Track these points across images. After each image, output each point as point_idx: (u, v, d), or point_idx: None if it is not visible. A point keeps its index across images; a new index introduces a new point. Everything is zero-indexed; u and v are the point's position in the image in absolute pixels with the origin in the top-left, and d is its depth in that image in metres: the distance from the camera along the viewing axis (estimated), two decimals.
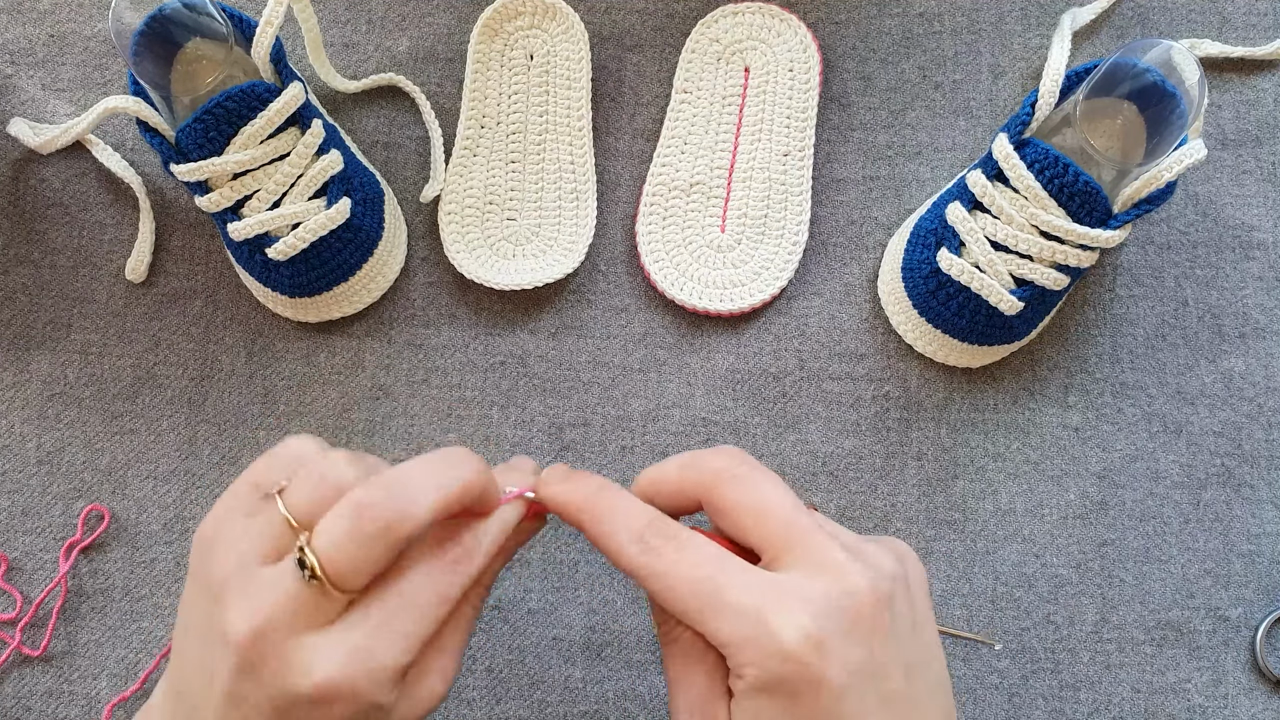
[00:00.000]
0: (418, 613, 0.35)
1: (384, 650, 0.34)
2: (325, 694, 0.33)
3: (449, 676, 0.37)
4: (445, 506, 0.34)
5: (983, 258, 0.52)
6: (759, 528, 0.36)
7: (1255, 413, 0.57)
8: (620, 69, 0.60)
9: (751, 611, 0.33)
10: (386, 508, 0.33)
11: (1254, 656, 0.55)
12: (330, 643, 0.33)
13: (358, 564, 0.33)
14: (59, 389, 0.57)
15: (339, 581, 0.33)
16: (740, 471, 0.37)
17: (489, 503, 0.37)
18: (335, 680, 0.33)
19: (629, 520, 0.37)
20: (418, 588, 0.35)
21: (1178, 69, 0.48)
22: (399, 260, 0.57)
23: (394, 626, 0.34)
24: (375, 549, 0.33)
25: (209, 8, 0.49)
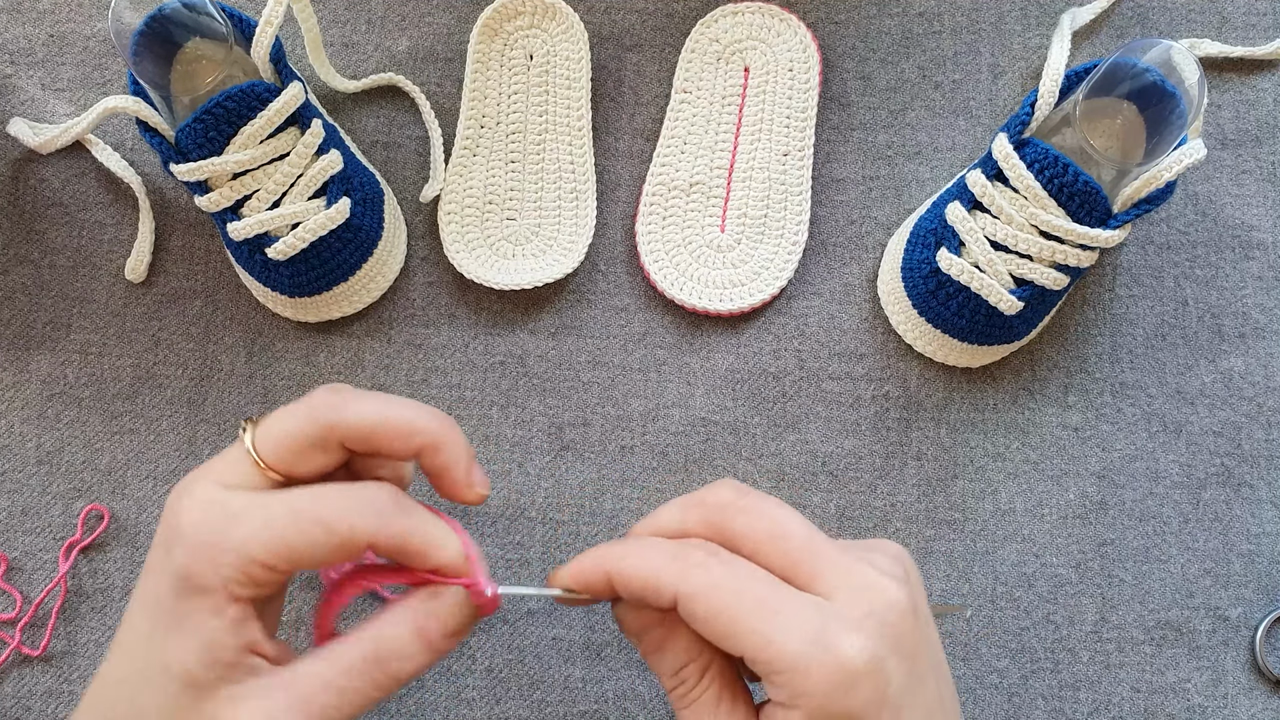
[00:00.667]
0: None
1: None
2: (175, 526, 0.35)
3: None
4: (384, 423, 0.36)
5: (982, 257, 0.52)
6: (783, 554, 0.35)
7: (1255, 412, 0.57)
8: (620, 69, 0.60)
9: (812, 634, 0.32)
10: (328, 402, 0.36)
11: (1253, 656, 0.55)
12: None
13: (285, 437, 0.35)
14: (59, 389, 0.57)
15: (263, 450, 0.35)
16: (748, 501, 0.36)
17: (451, 467, 0.37)
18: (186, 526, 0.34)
19: (661, 546, 0.36)
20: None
21: (1177, 69, 0.48)
22: (399, 260, 0.57)
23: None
24: (305, 428, 0.35)
25: (209, 7, 0.49)
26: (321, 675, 0.35)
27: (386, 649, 0.36)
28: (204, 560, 0.34)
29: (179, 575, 0.34)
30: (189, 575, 0.34)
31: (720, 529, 0.36)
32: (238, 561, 0.34)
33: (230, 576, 0.34)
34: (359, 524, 0.35)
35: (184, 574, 0.34)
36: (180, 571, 0.34)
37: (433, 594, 0.37)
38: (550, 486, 0.56)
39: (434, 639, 0.36)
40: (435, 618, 0.36)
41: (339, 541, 0.34)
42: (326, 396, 0.36)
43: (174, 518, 0.35)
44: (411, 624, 0.36)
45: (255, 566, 0.34)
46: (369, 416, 0.36)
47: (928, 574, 0.55)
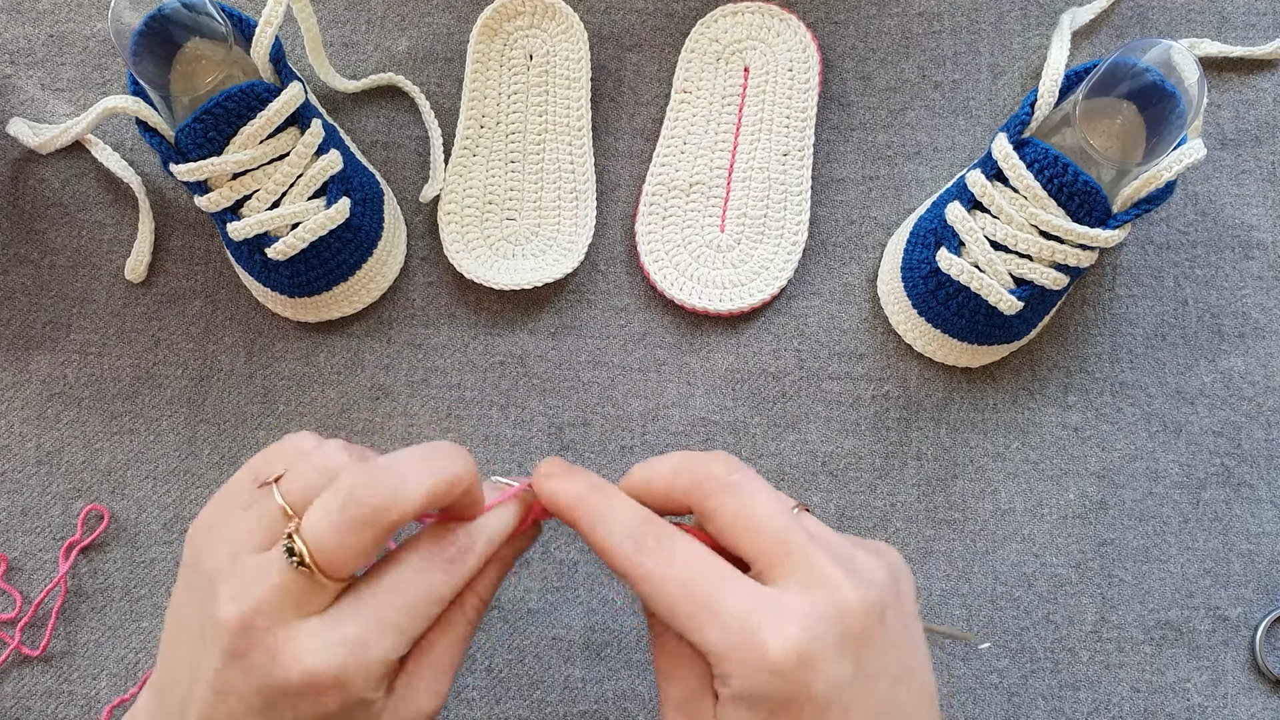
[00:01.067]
0: (410, 608, 0.35)
1: (375, 643, 0.34)
2: (313, 684, 0.33)
3: (438, 694, 0.36)
4: (434, 494, 0.34)
5: (982, 257, 0.52)
6: (751, 539, 0.35)
7: (1254, 412, 0.57)
8: (620, 69, 0.60)
9: (740, 622, 0.33)
10: (375, 493, 0.33)
11: (1253, 656, 0.55)
12: (320, 633, 0.33)
13: (345, 550, 0.33)
14: (58, 389, 0.57)
15: (327, 568, 0.33)
16: (734, 480, 0.36)
17: (475, 500, 0.37)
18: (324, 670, 0.33)
19: (622, 518, 0.37)
20: (411, 583, 0.35)
21: (1177, 69, 0.48)
22: (398, 260, 0.57)
23: (385, 620, 0.34)
24: (363, 535, 0.33)
25: (208, 7, 0.49)
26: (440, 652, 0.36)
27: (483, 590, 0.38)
28: (359, 690, 0.34)
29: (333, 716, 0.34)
30: (348, 709, 0.34)
31: (700, 503, 0.37)
32: (387, 670, 0.35)
33: (383, 684, 0.35)
34: (451, 583, 0.36)
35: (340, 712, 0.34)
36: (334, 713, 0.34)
37: None
38: None
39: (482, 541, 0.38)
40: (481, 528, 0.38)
41: (441, 604, 0.36)
42: (373, 495, 0.33)
43: (300, 672, 0.33)
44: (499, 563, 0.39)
45: (395, 662, 0.35)
46: (422, 496, 0.34)
47: (928, 574, 0.55)
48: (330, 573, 0.33)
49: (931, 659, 0.37)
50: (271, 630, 0.33)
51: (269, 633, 0.33)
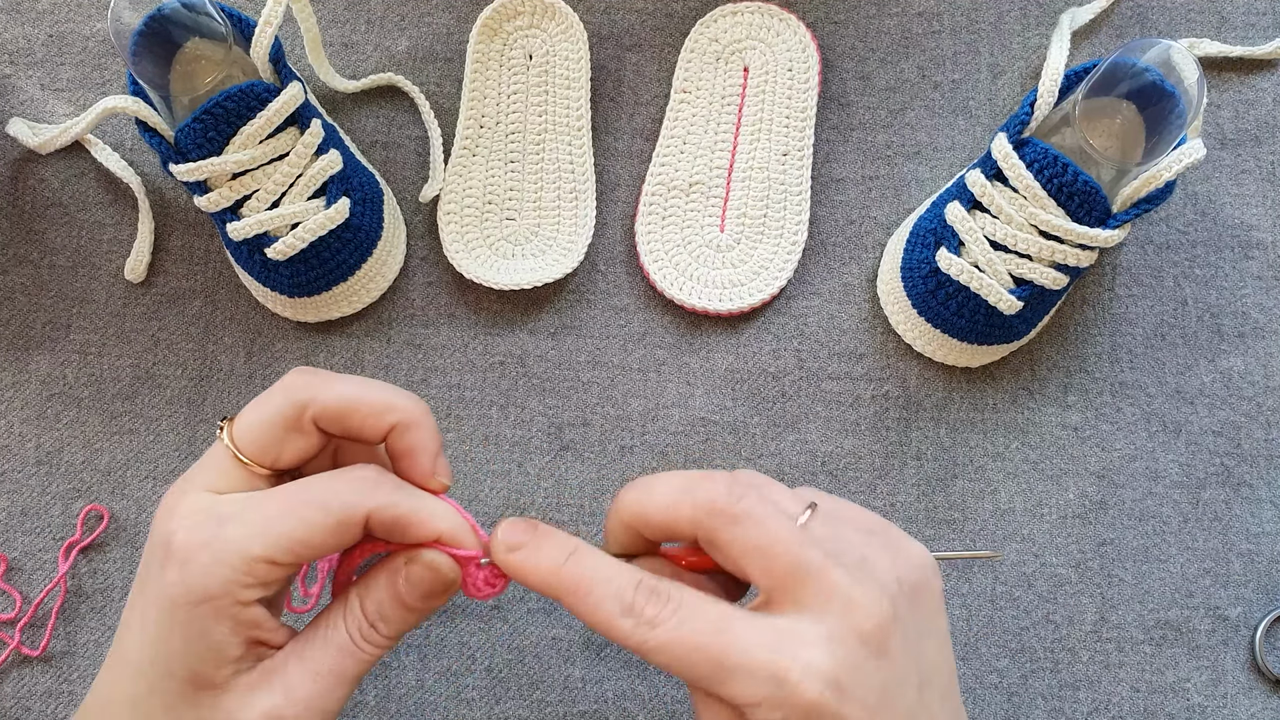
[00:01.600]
0: (295, 507, 0.35)
1: (239, 526, 0.34)
2: (168, 541, 0.34)
3: (293, 697, 0.35)
4: (355, 400, 0.36)
5: (982, 257, 0.52)
6: (765, 570, 0.34)
7: (1254, 412, 0.57)
8: (619, 69, 0.60)
9: (764, 669, 0.32)
10: (299, 382, 0.36)
11: (1253, 656, 0.55)
12: (198, 501, 0.35)
13: (258, 425, 0.35)
14: (58, 389, 0.57)
15: (240, 441, 0.35)
16: (739, 509, 0.35)
17: (416, 446, 0.37)
18: (177, 531, 0.34)
19: (613, 590, 0.35)
20: (312, 481, 0.36)
21: (1177, 68, 0.48)
22: (398, 260, 0.57)
23: (267, 506, 0.35)
24: (276, 412, 0.35)
25: (208, 7, 0.49)
26: (315, 659, 0.36)
27: (372, 616, 0.37)
28: (203, 571, 0.33)
29: (177, 588, 0.34)
30: (188, 587, 0.33)
31: (706, 535, 0.35)
32: (240, 564, 0.33)
33: (233, 580, 0.34)
34: (353, 500, 0.35)
35: (182, 587, 0.33)
36: (177, 584, 0.34)
37: (409, 559, 0.37)
38: (550, 486, 0.56)
39: (412, 602, 0.37)
40: (410, 583, 0.37)
41: (336, 521, 0.34)
42: (299, 378, 0.36)
43: (164, 533, 0.34)
44: (390, 592, 0.37)
45: (259, 565, 0.34)
46: (343, 394, 0.36)
47: None
48: (246, 450, 0.35)
49: None
50: (178, 494, 0.35)
51: (174, 496, 0.35)
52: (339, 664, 0.36)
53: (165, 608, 0.34)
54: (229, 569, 0.33)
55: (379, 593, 0.37)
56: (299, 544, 0.34)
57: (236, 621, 0.34)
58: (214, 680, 0.34)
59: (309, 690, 0.35)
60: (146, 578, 0.35)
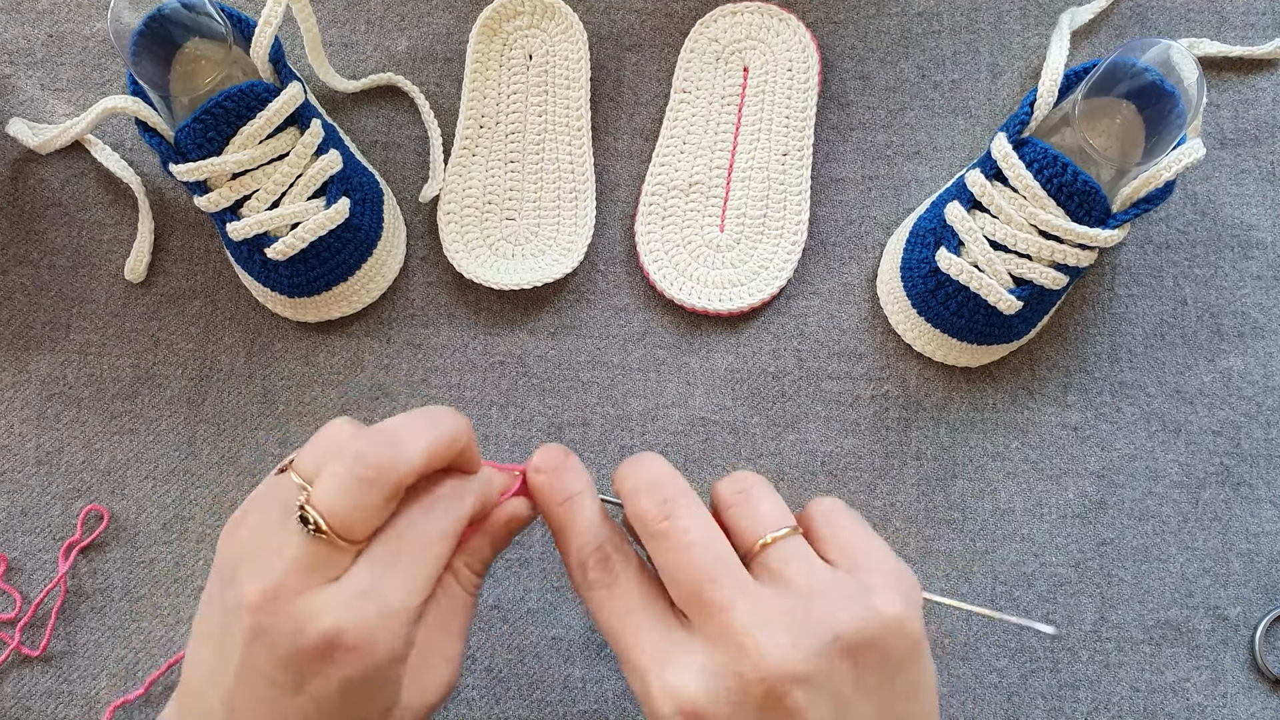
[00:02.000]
0: (418, 553, 0.35)
1: (390, 592, 0.34)
2: (335, 642, 0.33)
3: (453, 660, 0.37)
4: (434, 450, 0.36)
5: (981, 257, 0.52)
6: (672, 592, 0.36)
7: (1254, 412, 0.57)
8: (619, 69, 0.60)
9: (641, 675, 0.35)
10: (380, 454, 0.34)
11: (1253, 655, 0.55)
12: (338, 593, 0.34)
13: (356, 510, 0.34)
14: (58, 389, 0.57)
15: (341, 530, 0.34)
16: (659, 529, 0.36)
17: (472, 460, 0.38)
18: (345, 627, 0.33)
19: (580, 540, 0.38)
20: (413, 530, 0.36)
21: (1176, 68, 0.48)
22: (398, 260, 0.57)
23: (397, 569, 0.35)
24: (372, 494, 0.34)
25: (208, 7, 0.49)
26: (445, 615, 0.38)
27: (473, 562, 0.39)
28: (384, 649, 0.34)
29: (354, 681, 0.34)
30: (370, 670, 0.34)
31: (643, 540, 0.37)
32: (409, 621, 0.35)
33: (409, 637, 0.35)
34: (458, 519, 0.37)
35: (363, 674, 0.34)
36: (356, 677, 0.34)
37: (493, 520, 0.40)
38: None
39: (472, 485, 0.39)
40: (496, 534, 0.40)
41: (453, 542, 0.37)
42: (379, 454, 0.34)
43: (321, 634, 0.33)
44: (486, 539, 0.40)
45: (418, 610, 0.36)
46: (424, 453, 0.35)
47: (927, 574, 0.55)
48: (345, 535, 0.34)
49: None
50: (293, 600, 0.33)
51: (290, 602, 0.33)
52: (465, 620, 0.38)
53: (336, 695, 0.34)
54: (405, 632, 0.35)
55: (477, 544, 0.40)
56: (435, 577, 0.36)
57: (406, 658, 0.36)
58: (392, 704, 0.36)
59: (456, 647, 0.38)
60: (300, 683, 0.34)
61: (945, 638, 0.55)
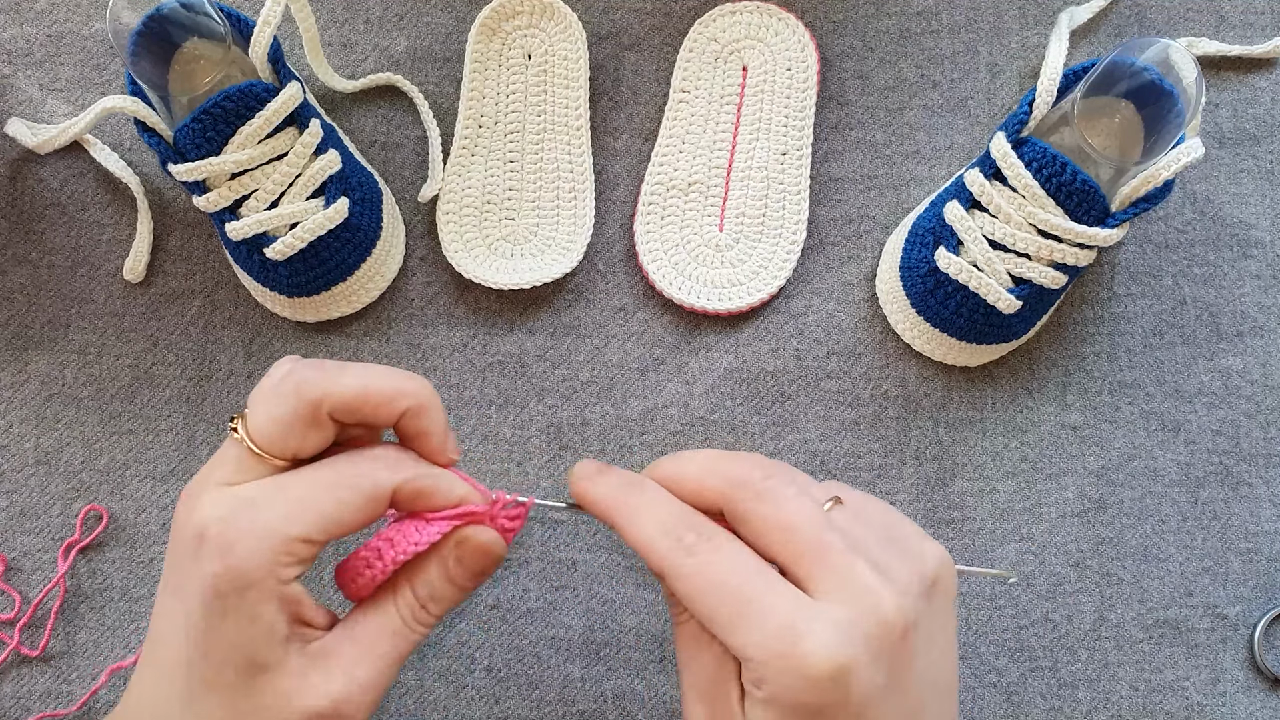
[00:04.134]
0: (318, 486, 0.36)
1: (269, 508, 0.35)
2: (202, 532, 0.34)
3: (355, 679, 0.36)
4: (366, 391, 0.36)
5: (981, 256, 0.52)
6: (787, 545, 0.35)
7: (1253, 411, 0.57)
8: (618, 68, 0.60)
9: (781, 630, 0.33)
10: (307, 375, 0.36)
11: (1252, 655, 0.55)
12: (226, 494, 0.35)
13: (272, 422, 0.35)
14: (57, 389, 0.57)
15: (256, 437, 0.35)
16: (767, 486, 0.36)
17: (427, 429, 0.38)
18: (211, 522, 0.34)
19: (659, 513, 0.37)
20: (328, 467, 0.36)
21: (1175, 67, 0.49)
22: (397, 260, 0.57)
23: (288, 492, 0.35)
24: (287, 407, 0.35)
25: (206, 7, 0.49)
26: (371, 642, 0.37)
27: (423, 598, 0.38)
28: (243, 555, 0.34)
29: (220, 576, 0.34)
30: (231, 573, 0.34)
31: (731, 509, 0.36)
32: (280, 544, 0.34)
33: (275, 560, 0.34)
34: (380, 476, 0.36)
35: (225, 573, 0.34)
36: (220, 572, 0.34)
37: (458, 541, 0.38)
38: (549, 486, 0.56)
39: (462, 582, 0.38)
40: (461, 564, 0.38)
41: (365, 497, 0.36)
42: (307, 372, 0.36)
43: (195, 526, 0.35)
44: (442, 574, 0.38)
45: (297, 543, 0.35)
46: (355, 386, 0.36)
47: None
48: (261, 445, 0.35)
49: None
50: (199, 494, 0.35)
51: (196, 496, 0.35)
52: (394, 645, 0.37)
53: (209, 598, 0.34)
54: (270, 551, 0.34)
55: (429, 575, 0.38)
56: (332, 521, 0.35)
57: (282, 600, 0.35)
58: (267, 663, 0.35)
59: (369, 672, 0.36)
60: (181, 575, 0.35)
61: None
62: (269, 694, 0.35)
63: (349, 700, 0.35)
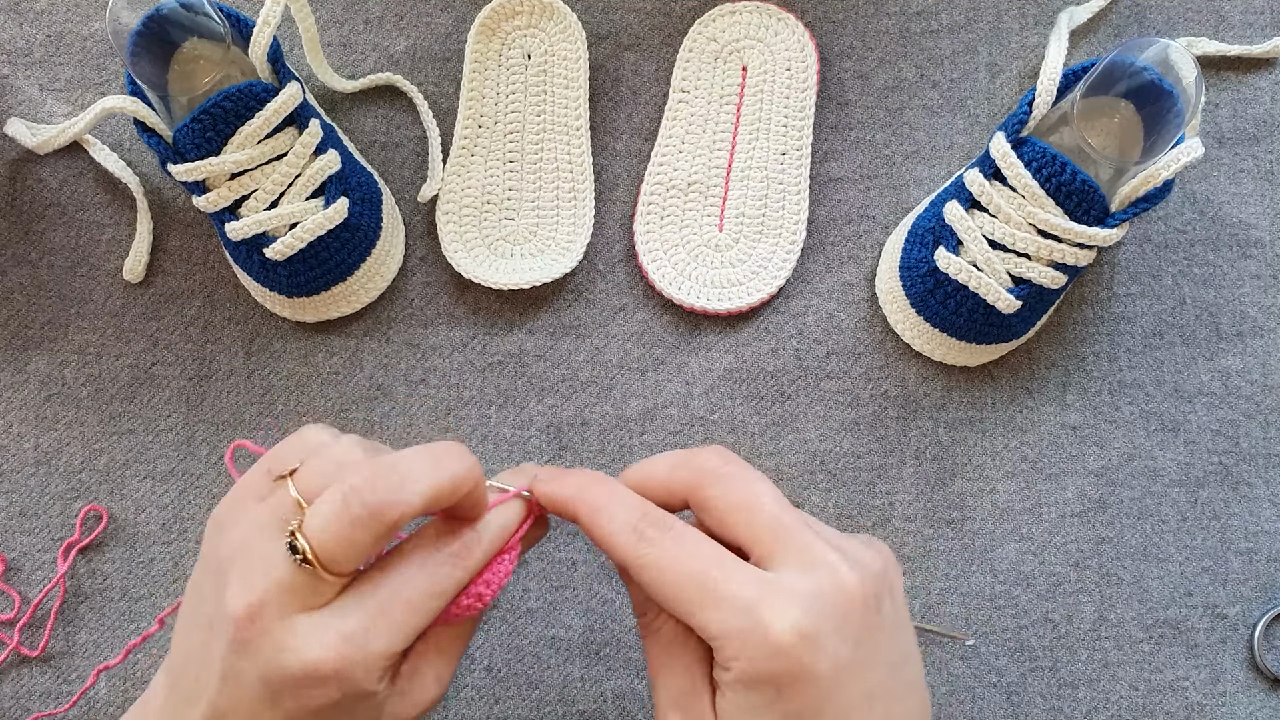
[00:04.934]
0: (412, 604, 0.35)
1: (376, 638, 0.34)
2: (314, 675, 0.33)
3: (444, 681, 0.37)
4: (436, 495, 0.35)
5: (980, 256, 0.52)
6: (748, 525, 0.36)
7: (1253, 411, 0.57)
8: (618, 68, 0.60)
9: (744, 605, 0.34)
10: (376, 492, 0.34)
11: (1251, 654, 0.55)
12: (323, 626, 0.34)
13: (345, 547, 0.34)
14: (57, 389, 0.57)
15: (328, 564, 0.34)
16: (728, 470, 0.37)
17: (479, 501, 0.37)
18: (326, 662, 0.33)
19: (623, 509, 0.37)
20: (415, 579, 0.35)
21: (1175, 67, 0.49)
22: (397, 260, 0.57)
23: (387, 615, 0.35)
24: (363, 533, 0.34)
25: (206, 7, 0.49)
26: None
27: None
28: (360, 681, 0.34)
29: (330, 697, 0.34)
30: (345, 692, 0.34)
31: (695, 494, 0.37)
32: (387, 662, 0.35)
33: (382, 675, 0.35)
34: (458, 575, 0.37)
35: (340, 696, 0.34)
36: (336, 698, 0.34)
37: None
38: None
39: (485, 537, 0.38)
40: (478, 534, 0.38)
41: (447, 598, 0.36)
42: (376, 494, 0.34)
43: (302, 664, 0.34)
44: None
45: (398, 655, 0.35)
46: (424, 494, 0.34)
47: (926, 572, 0.56)
48: (331, 569, 0.34)
49: (927, 658, 0.38)
50: (275, 622, 0.34)
51: (273, 624, 0.34)
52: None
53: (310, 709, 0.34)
54: (381, 670, 0.35)
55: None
56: (415, 631, 0.35)
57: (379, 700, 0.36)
58: None
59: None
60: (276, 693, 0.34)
61: (944, 637, 0.55)
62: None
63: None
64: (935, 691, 0.55)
